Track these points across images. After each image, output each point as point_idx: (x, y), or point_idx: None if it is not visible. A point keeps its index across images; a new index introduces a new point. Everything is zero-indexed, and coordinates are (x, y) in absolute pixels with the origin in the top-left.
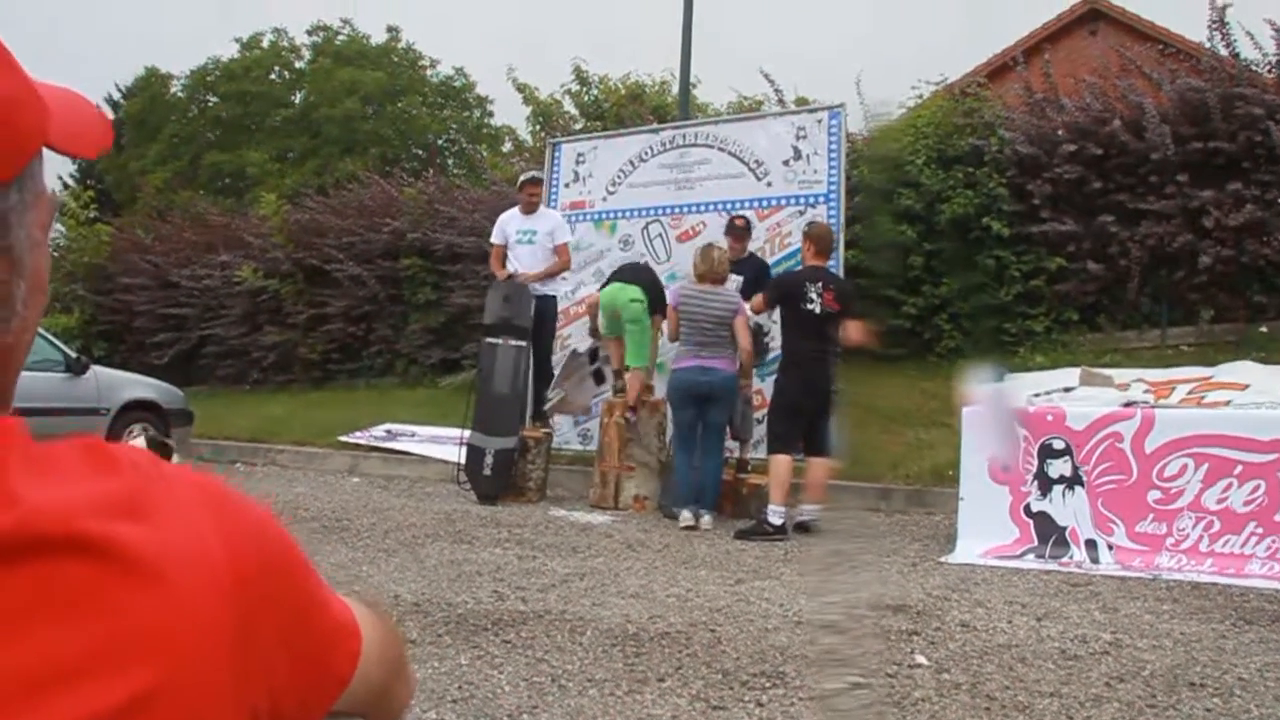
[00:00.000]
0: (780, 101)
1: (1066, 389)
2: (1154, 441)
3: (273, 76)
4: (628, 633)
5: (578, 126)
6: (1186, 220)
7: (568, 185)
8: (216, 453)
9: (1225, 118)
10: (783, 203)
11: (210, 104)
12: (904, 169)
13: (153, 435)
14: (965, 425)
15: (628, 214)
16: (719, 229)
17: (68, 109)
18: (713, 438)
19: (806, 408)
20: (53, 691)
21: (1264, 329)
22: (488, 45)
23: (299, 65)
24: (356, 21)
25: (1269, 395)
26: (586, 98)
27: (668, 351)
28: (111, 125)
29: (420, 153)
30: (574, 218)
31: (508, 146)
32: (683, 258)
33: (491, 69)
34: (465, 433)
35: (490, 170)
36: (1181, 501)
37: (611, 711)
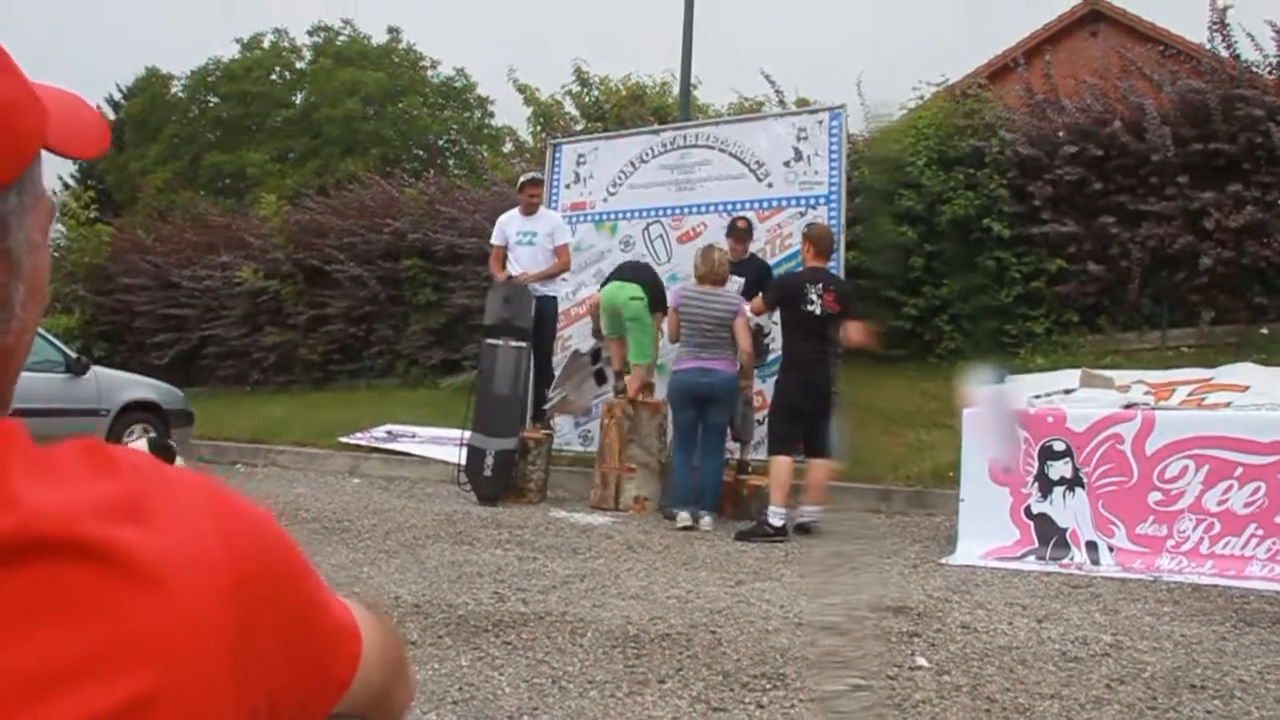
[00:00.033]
0: (781, 102)
1: (1067, 391)
2: (1154, 443)
3: (273, 77)
4: (628, 634)
5: (578, 127)
6: (1187, 222)
7: (568, 186)
8: (217, 453)
9: (1226, 119)
10: (783, 204)
11: (211, 104)
12: (905, 170)
13: (155, 438)
14: (966, 427)
15: (628, 215)
16: (720, 230)
17: (65, 110)
18: (713, 439)
19: (807, 409)
20: (52, 693)
21: (1264, 330)
22: (489, 46)
23: (300, 66)
24: (357, 22)
25: (1269, 397)
26: (587, 98)
27: (668, 353)
28: (109, 126)
29: (421, 153)
30: (575, 219)
31: (508, 147)
32: (683, 259)
33: (492, 70)
34: (466, 434)
35: (491, 171)
36: (1182, 503)
37: (612, 713)
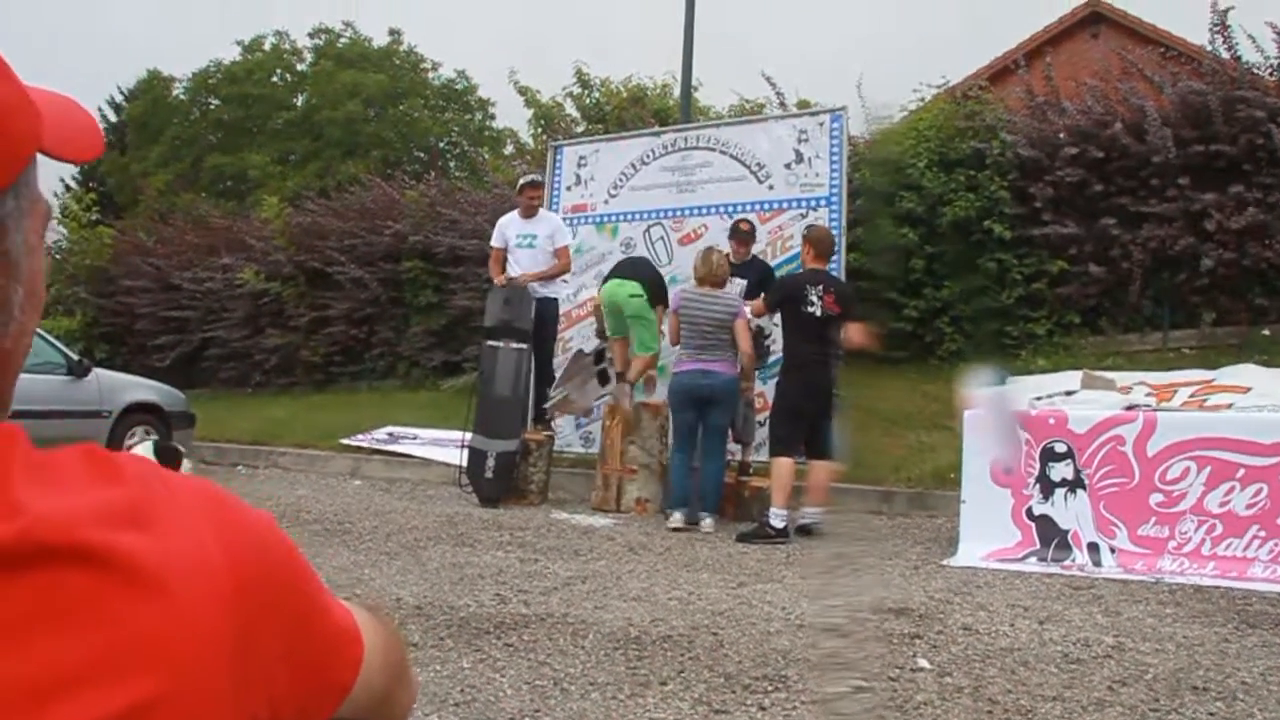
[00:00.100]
0: (782, 104)
1: (1068, 392)
2: (1156, 445)
3: (274, 79)
4: (630, 636)
5: (579, 129)
6: (1188, 223)
7: (569, 188)
8: (218, 455)
9: (1227, 120)
10: (784, 206)
11: (212, 107)
12: (905, 172)
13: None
14: (966, 428)
15: (629, 217)
16: (721, 232)
17: (60, 114)
18: (714, 440)
19: (808, 410)
20: (54, 700)
21: (1266, 332)
22: (490, 48)
23: (301, 68)
24: (358, 24)
25: (1271, 398)
26: (588, 100)
27: (669, 354)
28: (101, 130)
29: (422, 155)
30: (576, 220)
31: (509, 149)
32: (684, 261)
33: (493, 72)
34: (467, 435)
35: (492, 173)
36: (1184, 505)
37: (614, 715)
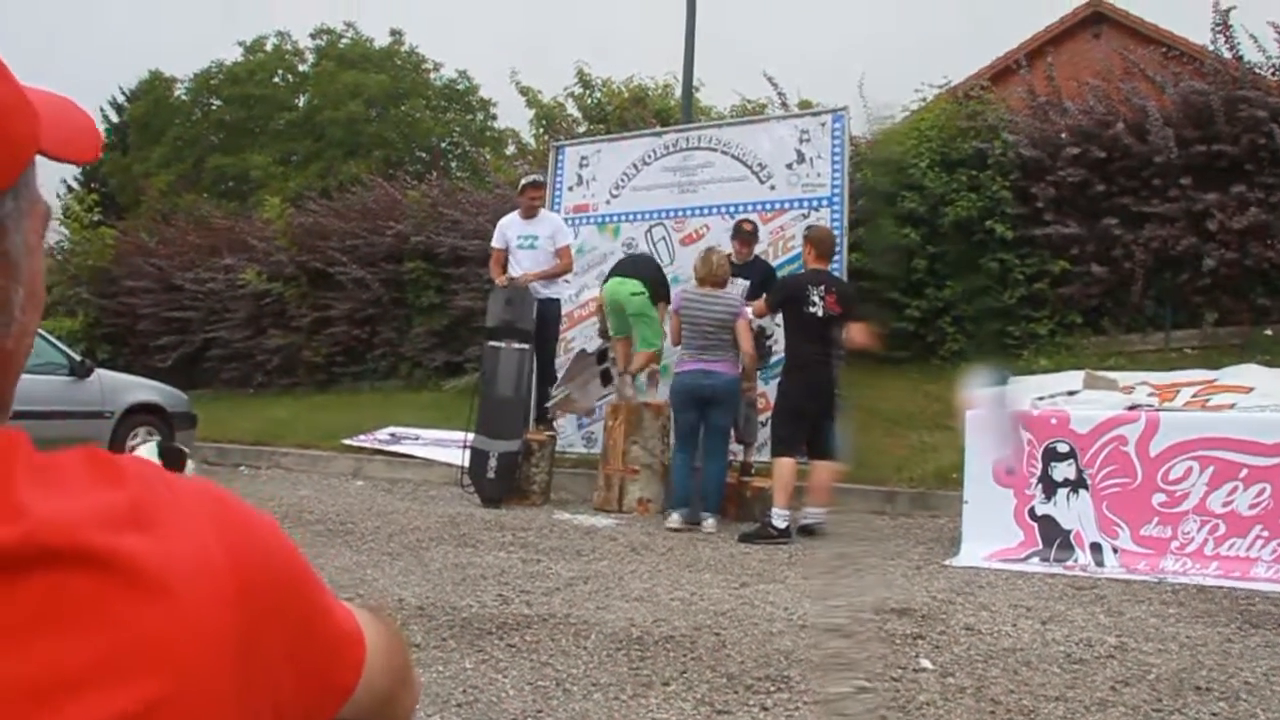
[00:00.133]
0: (783, 105)
1: (1070, 392)
2: (1159, 445)
3: (276, 80)
4: (632, 636)
5: (581, 129)
6: (1190, 223)
7: (571, 188)
8: (220, 456)
9: (1229, 120)
10: (786, 206)
11: (214, 107)
12: (907, 172)
13: (165, 442)
14: (968, 428)
15: (631, 217)
16: (722, 232)
17: (58, 115)
18: (716, 441)
19: (810, 411)
20: (58, 702)
21: (1268, 332)
22: (491, 48)
23: (302, 68)
24: (360, 25)
25: (1274, 398)
26: (590, 101)
27: (670, 355)
28: (99, 131)
29: (424, 156)
30: (577, 221)
31: (511, 150)
32: (686, 261)
33: (495, 72)
34: (469, 436)
35: (494, 173)
36: (1186, 505)
37: (616, 716)
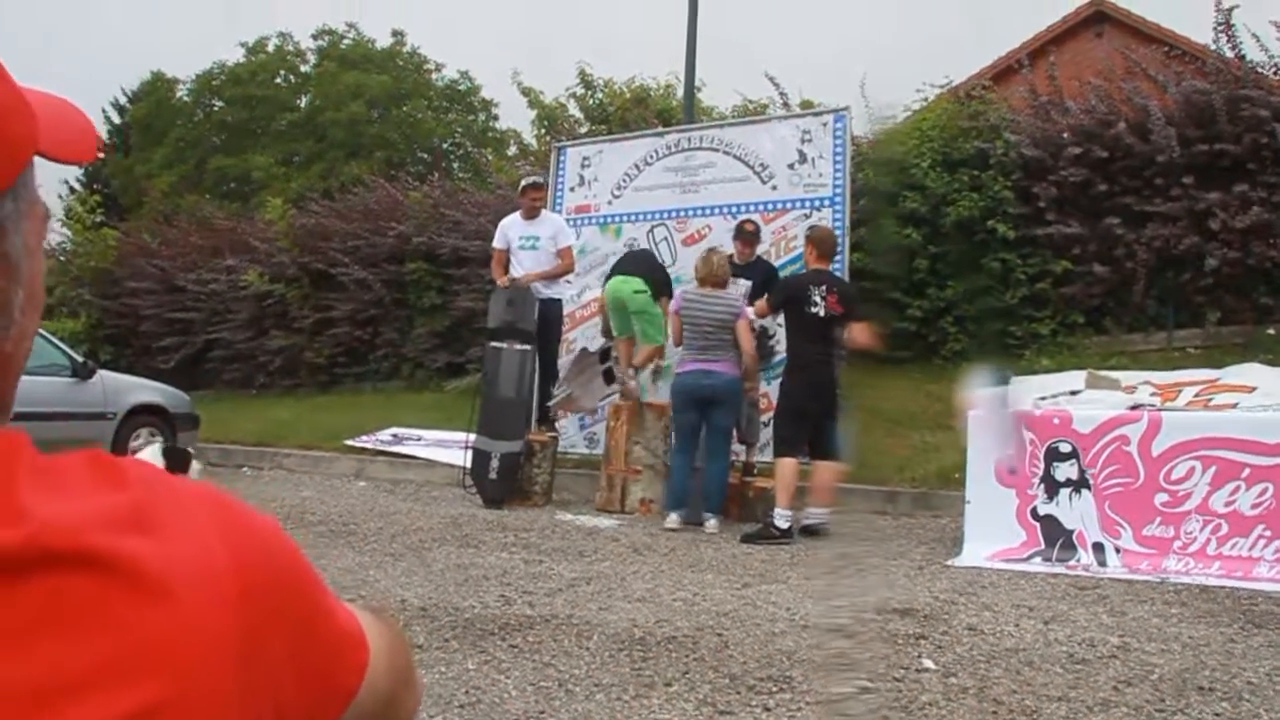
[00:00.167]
0: (785, 105)
1: (1073, 392)
2: (1161, 444)
3: (278, 81)
4: (634, 637)
5: (583, 130)
6: (1192, 222)
7: (573, 189)
8: (223, 456)
9: (1231, 120)
10: (788, 206)
11: (216, 108)
12: (909, 172)
13: (168, 443)
14: (970, 429)
15: (633, 217)
16: (724, 232)
17: (55, 115)
18: (718, 441)
19: (812, 411)
20: (60, 704)
21: (1271, 331)
22: (493, 49)
23: (304, 69)
24: (362, 25)
25: (1276, 398)
26: (591, 101)
27: (672, 355)
28: (97, 131)
29: (425, 156)
30: (579, 221)
31: (513, 150)
32: (688, 261)
33: (497, 73)
34: (471, 437)
35: (495, 174)
36: (1189, 504)
37: (619, 716)
